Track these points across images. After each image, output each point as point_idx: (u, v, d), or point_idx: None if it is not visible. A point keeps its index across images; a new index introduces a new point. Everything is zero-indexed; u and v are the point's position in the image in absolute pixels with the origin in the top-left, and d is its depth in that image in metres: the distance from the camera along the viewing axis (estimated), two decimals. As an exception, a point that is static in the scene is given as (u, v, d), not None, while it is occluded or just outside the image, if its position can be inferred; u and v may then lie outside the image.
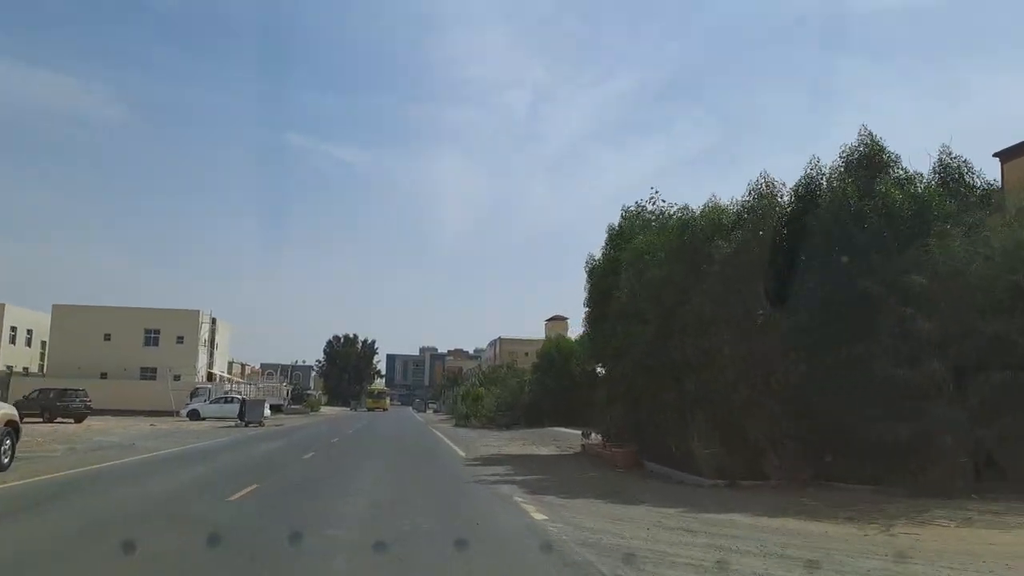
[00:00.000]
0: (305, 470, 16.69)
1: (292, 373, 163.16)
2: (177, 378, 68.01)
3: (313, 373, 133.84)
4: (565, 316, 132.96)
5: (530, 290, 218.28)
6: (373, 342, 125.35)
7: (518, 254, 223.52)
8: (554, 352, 38.58)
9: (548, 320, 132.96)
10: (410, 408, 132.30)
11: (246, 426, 39.26)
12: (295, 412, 74.96)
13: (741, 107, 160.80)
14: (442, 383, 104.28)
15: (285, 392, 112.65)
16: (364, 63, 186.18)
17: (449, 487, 13.72)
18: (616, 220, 20.24)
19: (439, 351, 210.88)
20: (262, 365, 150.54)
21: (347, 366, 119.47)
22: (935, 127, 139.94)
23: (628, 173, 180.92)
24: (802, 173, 15.92)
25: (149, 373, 72.50)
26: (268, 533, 8.24)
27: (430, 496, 12.07)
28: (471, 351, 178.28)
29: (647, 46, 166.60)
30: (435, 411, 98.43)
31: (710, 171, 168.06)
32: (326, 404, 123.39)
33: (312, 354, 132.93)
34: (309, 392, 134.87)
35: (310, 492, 11.96)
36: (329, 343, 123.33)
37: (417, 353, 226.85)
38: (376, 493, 12.11)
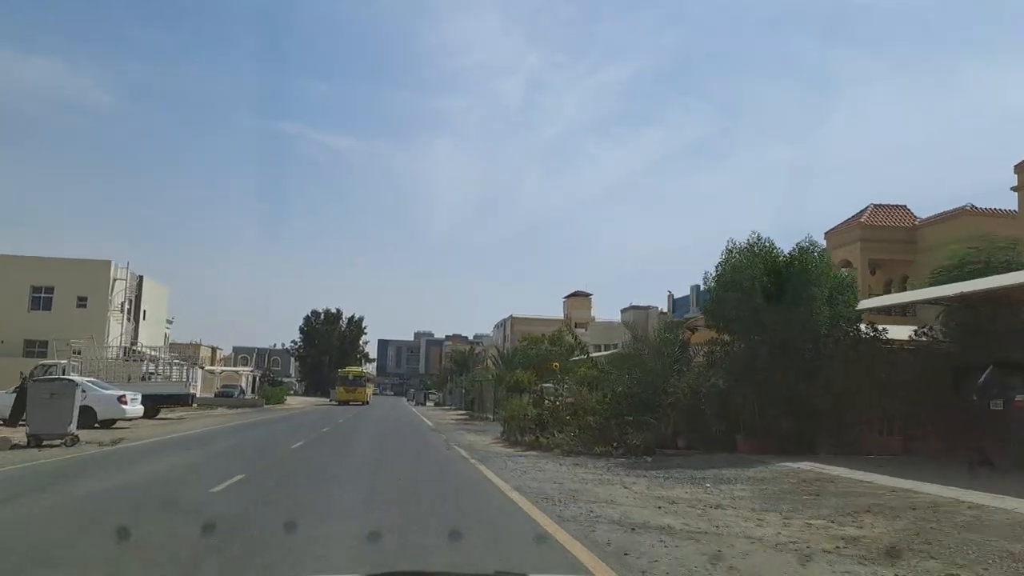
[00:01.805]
0: None
1: (269, 357, 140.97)
2: (77, 354, 45.64)
3: (293, 359, 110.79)
4: (588, 292, 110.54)
5: (526, 279, 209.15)
6: (361, 319, 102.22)
7: (513, 243, 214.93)
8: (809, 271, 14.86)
9: (567, 297, 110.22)
10: (404, 399, 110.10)
11: (28, 446, 16.33)
12: (244, 406, 51.96)
13: (737, 97, 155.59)
14: (447, 367, 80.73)
15: (251, 379, 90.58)
16: (358, 51, 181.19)
17: None
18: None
19: (435, 336, 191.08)
20: (234, 348, 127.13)
21: (328, 348, 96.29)
22: (929, 122, 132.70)
23: (622, 163, 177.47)
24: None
25: (38, 347, 50.01)
26: None
27: None
28: (470, 336, 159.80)
29: (643, 35, 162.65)
30: (437, 403, 75.89)
31: (705, 161, 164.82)
32: (302, 394, 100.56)
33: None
34: (287, 379, 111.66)
35: None
36: (307, 320, 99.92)
37: (411, 339, 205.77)
38: None
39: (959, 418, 14.03)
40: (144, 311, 60.31)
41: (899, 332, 16.22)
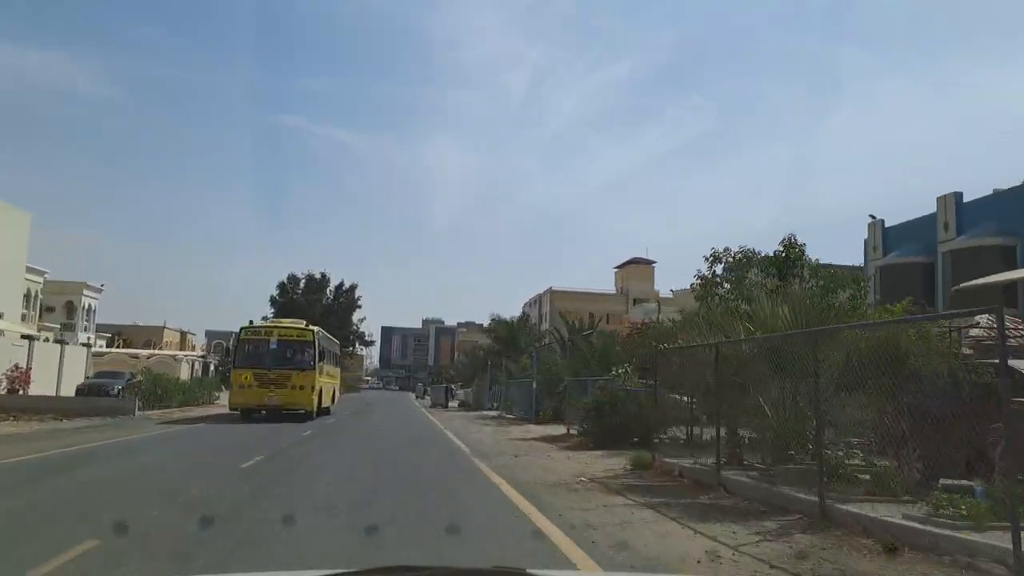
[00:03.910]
0: None
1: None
2: None
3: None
4: (650, 259, 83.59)
5: (533, 271, 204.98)
6: (353, 288, 74.93)
7: (518, 236, 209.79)
8: None
9: (620, 266, 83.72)
10: (411, 396, 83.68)
11: None
12: (98, 413, 25.26)
13: (738, 95, 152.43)
14: (485, 352, 52.52)
15: (199, 366, 65.04)
16: (363, 45, 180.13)
17: None
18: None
19: (446, 324, 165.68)
20: (207, 333, 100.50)
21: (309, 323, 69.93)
22: (932, 119, 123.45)
23: (625, 159, 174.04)
24: None
25: None
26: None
27: None
28: (484, 324, 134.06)
29: (643, 32, 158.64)
30: (462, 404, 49.25)
31: (706, 159, 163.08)
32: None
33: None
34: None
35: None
36: (282, 288, 72.75)
37: (419, 326, 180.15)
38: None
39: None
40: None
41: None
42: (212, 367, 72.40)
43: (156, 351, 64.02)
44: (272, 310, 71.99)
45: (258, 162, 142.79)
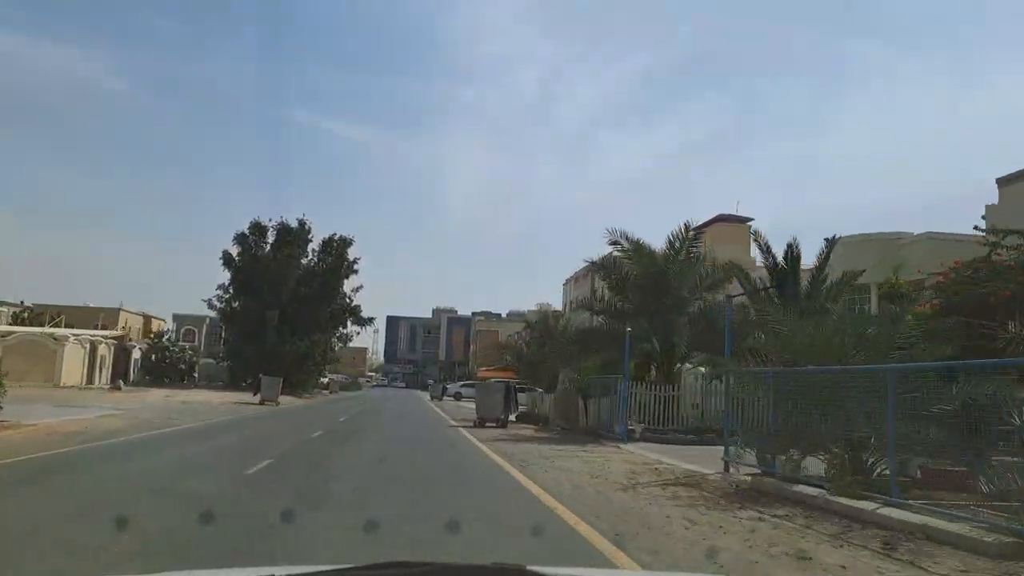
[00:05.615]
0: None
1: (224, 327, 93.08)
2: None
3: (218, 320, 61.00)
4: (744, 216, 61.07)
5: (545, 268, 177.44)
6: (346, 243, 52.47)
7: (529, 233, 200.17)
8: None
9: (701, 227, 60.78)
10: (424, 396, 62.51)
11: None
12: None
13: (754, 90, 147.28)
14: (611, 313, 26.18)
15: (113, 356, 41.93)
16: (375, 41, 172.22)
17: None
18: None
19: (459, 314, 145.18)
20: (175, 317, 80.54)
21: (280, 293, 47.67)
22: (949, 116, 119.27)
23: (640, 155, 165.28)
24: None
25: None
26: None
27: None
28: (503, 315, 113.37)
29: (659, 27, 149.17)
30: (516, 415, 26.79)
31: (721, 155, 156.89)
32: (228, 384, 50.81)
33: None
34: (210, 360, 62.31)
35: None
36: (241, 241, 50.60)
37: (430, 315, 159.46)
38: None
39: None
40: None
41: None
42: (136, 355, 50.37)
43: (76, 332, 40.70)
44: (229, 273, 49.83)
45: (264, 154, 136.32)
